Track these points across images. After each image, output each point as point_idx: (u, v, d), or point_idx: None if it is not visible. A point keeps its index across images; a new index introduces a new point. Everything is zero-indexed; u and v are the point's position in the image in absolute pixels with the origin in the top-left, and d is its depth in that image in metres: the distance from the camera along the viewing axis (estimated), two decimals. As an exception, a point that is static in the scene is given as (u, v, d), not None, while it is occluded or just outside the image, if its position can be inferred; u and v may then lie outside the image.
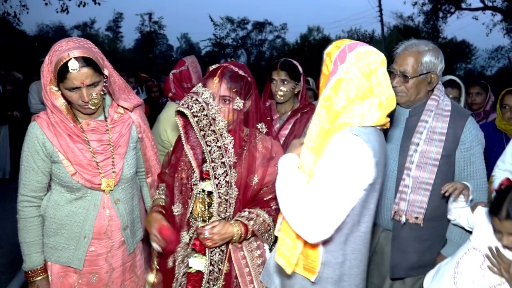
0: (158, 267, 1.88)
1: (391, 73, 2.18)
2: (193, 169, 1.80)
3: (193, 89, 1.77)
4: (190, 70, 2.86)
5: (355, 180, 1.40)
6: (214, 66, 1.80)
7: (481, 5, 19.88)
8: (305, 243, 1.46)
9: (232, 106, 1.74)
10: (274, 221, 1.76)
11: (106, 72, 1.85)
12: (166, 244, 1.75)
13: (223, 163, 1.75)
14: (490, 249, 1.76)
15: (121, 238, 1.98)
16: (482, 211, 1.88)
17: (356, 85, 1.46)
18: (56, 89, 1.79)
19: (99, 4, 11.04)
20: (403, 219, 2.11)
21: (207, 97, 1.71)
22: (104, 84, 1.84)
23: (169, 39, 38.84)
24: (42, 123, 1.83)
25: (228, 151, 1.76)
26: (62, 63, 1.68)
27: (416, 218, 2.11)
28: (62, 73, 1.70)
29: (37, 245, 1.89)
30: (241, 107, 1.76)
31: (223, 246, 1.78)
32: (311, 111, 2.27)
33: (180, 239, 1.81)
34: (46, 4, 10.80)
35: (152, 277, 1.88)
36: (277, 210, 1.74)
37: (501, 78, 20.55)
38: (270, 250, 1.90)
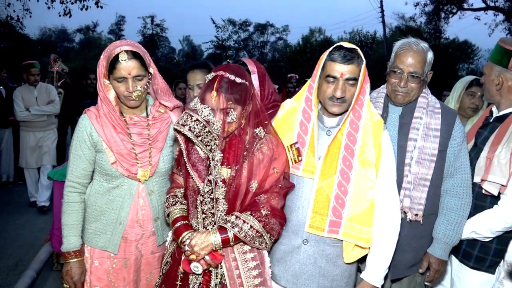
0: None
1: (393, 72, 2.15)
2: (197, 184, 1.79)
3: (192, 105, 1.74)
4: None
5: None
6: (210, 77, 1.75)
7: (483, 5, 19.82)
8: None
9: (227, 119, 1.72)
10: (265, 226, 1.73)
11: (151, 70, 2.04)
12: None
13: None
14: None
15: (151, 228, 2.12)
16: None
17: None
18: (108, 82, 2.00)
19: (101, 7, 11.00)
20: (409, 216, 2.10)
21: (206, 115, 1.70)
22: (148, 80, 2.01)
23: (171, 42, 39.07)
24: (91, 115, 2.04)
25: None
26: (113, 56, 1.91)
27: (416, 215, 2.11)
28: (113, 64, 1.91)
29: (75, 228, 2.06)
30: (235, 119, 1.72)
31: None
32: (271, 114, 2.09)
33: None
34: (48, 8, 10.78)
35: None
36: (267, 216, 1.74)
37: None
38: None
